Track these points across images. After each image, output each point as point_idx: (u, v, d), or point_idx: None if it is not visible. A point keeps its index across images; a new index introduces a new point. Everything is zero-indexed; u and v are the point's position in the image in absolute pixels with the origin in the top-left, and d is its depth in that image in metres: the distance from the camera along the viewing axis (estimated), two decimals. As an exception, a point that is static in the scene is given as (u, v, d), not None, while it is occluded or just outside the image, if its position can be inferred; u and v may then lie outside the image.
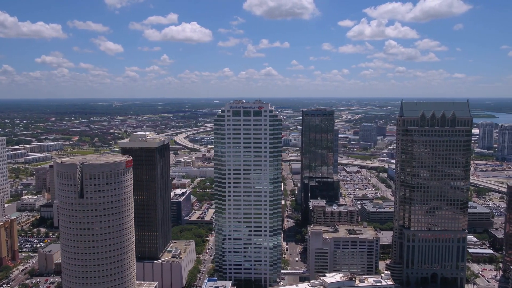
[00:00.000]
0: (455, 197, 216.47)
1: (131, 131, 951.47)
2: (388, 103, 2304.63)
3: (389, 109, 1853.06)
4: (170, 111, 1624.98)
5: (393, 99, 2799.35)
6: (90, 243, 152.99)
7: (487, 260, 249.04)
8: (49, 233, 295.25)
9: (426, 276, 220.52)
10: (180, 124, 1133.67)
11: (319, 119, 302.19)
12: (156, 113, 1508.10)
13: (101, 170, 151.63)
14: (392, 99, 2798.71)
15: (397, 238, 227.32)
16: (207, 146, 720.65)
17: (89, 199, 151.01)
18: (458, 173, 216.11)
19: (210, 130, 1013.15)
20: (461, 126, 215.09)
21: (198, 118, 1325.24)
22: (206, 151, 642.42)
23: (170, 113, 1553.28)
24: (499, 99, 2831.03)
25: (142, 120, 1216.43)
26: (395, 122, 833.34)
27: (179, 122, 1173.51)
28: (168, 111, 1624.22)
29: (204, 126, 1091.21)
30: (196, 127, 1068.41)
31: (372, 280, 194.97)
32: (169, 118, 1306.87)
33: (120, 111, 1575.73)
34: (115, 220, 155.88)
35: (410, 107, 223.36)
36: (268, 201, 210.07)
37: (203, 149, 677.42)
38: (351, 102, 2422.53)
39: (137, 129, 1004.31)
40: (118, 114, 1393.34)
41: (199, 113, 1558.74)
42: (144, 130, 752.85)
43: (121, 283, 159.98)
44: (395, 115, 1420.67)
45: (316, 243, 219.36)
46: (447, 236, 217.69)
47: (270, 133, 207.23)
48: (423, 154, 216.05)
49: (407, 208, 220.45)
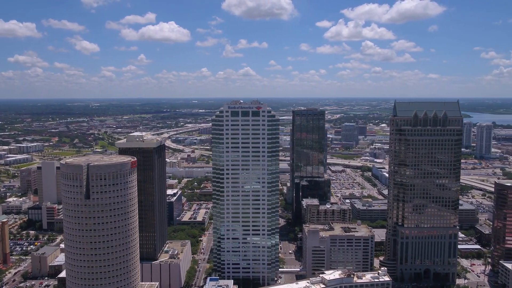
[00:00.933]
0: (446, 194, 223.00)
1: (111, 131, 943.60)
2: (365, 103, 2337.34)
3: (367, 109, 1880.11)
4: (149, 111, 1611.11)
5: (370, 99, 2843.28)
6: (96, 244, 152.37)
7: (475, 256, 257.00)
8: (39, 236, 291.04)
9: (419, 272, 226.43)
10: (160, 124, 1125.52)
11: (310, 119, 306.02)
12: (135, 114, 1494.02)
13: (108, 171, 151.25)
14: (369, 99, 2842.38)
15: (390, 235, 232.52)
16: (190, 147, 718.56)
17: (96, 200, 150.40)
18: (450, 171, 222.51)
19: (191, 131, 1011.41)
20: (452, 126, 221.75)
21: (178, 118, 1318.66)
22: (191, 151, 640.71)
23: (149, 113, 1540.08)
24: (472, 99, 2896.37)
25: (121, 121, 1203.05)
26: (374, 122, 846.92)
27: (159, 123, 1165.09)
28: (147, 111, 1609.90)
29: (185, 126, 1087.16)
30: (177, 128, 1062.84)
31: (370, 276, 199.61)
32: (148, 119, 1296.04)
33: (98, 112, 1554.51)
34: (121, 221, 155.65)
35: (403, 107, 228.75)
36: (266, 201, 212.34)
37: (187, 150, 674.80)
38: (329, 102, 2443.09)
39: (117, 129, 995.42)
40: (96, 115, 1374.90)
41: (178, 113, 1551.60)
42: (140, 130, 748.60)
43: (126, 284, 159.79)
44: (373, 115, 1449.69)
45: (313, 241, 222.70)
46: (439, 232, 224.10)
47: (268, 133, 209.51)
48: (416, 153, 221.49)
49: (401, 206, 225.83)
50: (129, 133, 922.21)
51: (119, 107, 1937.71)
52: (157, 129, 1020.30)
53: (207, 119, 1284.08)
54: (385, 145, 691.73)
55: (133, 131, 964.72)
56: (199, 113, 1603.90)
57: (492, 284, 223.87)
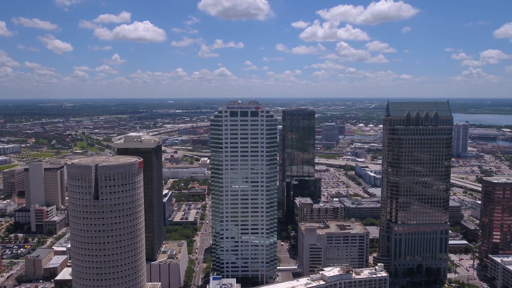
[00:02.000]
0: (437, 191, 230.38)
1: (88, 132, 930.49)
2: (341, 103, 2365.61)
3: (342, 109, 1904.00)
4: (125, 112, 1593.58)
5: (344, 99, 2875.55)
6: (105, 245, 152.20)
7: (463, 251, 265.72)
8: (28, 239, 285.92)
9: (412, 267, 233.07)
10: (138, 125, 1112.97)
11: (300, 119, 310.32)
12: (111, 114, 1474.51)
13: (116, 171, 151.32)
14: (344, 99, 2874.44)
15: (384, 232, 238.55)
16: (172, 147, 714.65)
17: (104, 200, 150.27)
18: (441, 169, 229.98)
19: (171, 131, 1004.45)
20: (443, 125, 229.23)
21: (155, 119, 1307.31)
22: (173, 152, 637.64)
23: (125, 113, 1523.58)
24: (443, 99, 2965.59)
25: (98, 121, 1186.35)
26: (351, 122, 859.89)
27: (137, 123, 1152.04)
28: (123, 112, 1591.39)
29: (164, 127, 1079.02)
30: (155, 128, 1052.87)
31: (367, 272, 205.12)
32: (125, 119, 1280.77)
33: (72, 112, 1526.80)
34: (129, 221, 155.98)
35: (396, 107, 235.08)
36: (265, 200, 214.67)
37: (169, 150, 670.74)
38: (304, 102, 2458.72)
39: (94, 130, 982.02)
40: (71, 116, 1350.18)
41: (155, 114, 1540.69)
42: (137, 131, 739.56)
43: (134, 284, 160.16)
44: (350, 115, 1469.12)
45: (310, 239, 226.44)
46: (431, 228, 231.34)
47: (267, 133, 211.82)
48: (409, 152, 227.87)
49: (394, 203, 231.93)
50: (107, 134, 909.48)
51: (94, 107, 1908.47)
52: (135, 130, 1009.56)
53: (186, 120, 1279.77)
54: (365, 145, 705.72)
55: (111, 132, 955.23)
56: (176, 113, 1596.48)
57: (481, 277, 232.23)
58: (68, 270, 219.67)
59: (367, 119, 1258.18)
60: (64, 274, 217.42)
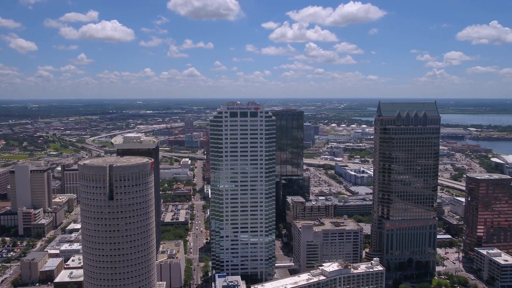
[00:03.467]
0: (427, 188, 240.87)
1: (60, 134, 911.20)
2: (310, 104, 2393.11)
3: (313, 109, 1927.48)
4: (95, 113, 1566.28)
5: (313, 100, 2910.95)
6: (119, 244, 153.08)
7: (447, 245, 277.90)
8: (17, 242, 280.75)
9: (403, 261, 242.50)
10: (111, 126, 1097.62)
11: (289, 119, 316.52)
12: (80, 115, 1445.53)
13: (131, 172, 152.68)
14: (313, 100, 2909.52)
15: (376, 228, 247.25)
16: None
17: (119, 201, 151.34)
18: (430, 166, 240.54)
19: (145, 132, 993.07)
20: (431, 125, 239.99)
21: (127, 119, 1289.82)
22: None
23: (95, 114, 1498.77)
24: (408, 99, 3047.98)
25: (68, 123, 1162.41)
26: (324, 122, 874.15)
27: (109, 124, 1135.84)
28: (92, 113, 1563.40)
29: (137, 127, 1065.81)
30: (128, 129, 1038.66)
31: (364, 267, 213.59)
32: (96, 120, 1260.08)
33: (39, 113, 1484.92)
34: (142, 221, 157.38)
35: (387, 107, 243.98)
36: (264, 199, 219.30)
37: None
38: (275, 103, 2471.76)
39: (65, 131, 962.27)
40: (39, 117, 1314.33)
41: (126, 114, 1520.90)
42: (135, 131, 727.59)
43: (147, 283, 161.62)
44: (321, 115, 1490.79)
45: (307, 236, 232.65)
46: (421, 224, 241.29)
47: (266, 133, 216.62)
48: (400, 150, 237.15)
49: (386, 200, 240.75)
50: (80, 135, 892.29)
51: (61, 108, 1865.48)
52: (108, 131, 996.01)
53: (158, 120, 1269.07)
54: (341, 144, 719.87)
55: (83, 133, 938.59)
56: (147, 114, 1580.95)
57: (467, 269, 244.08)
58: (66, 273, 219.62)
59: (339, 119, 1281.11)
60: (62, 276, 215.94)
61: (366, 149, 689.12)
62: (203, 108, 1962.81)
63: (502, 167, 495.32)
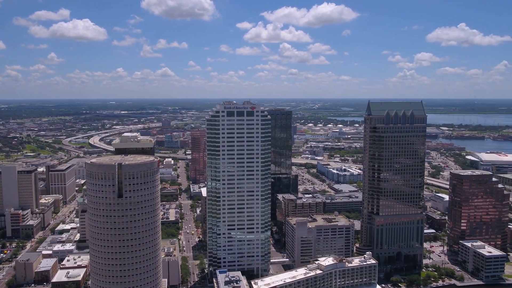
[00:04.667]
0: (415, 184, 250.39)
1: (34, 135, 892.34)
2: (285, 104, 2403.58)
3: (288, 109, 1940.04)
4: (68, 113, 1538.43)
5: (287, 100, 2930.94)
6: (128, 241, 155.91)
7: (432, 239, 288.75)
8: (6, 244, 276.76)
9: (392, 255, 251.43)
10: (86, 126, 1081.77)
11: (278, 119, 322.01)
12: (53, 116, 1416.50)
13: (139, 170, 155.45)
14: (287, 100, 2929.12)
15: (366, 223, 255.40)
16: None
17: (128, 198, 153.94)
18: (417, 163, 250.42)
19: (122, 133, 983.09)
20: (418, 123, 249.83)
21: (102, 120, 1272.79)
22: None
23: (68, 115, 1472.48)
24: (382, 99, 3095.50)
25: (42, 123, 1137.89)
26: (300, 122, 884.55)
27: (84, 125, 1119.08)
28: (64, 113, 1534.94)
29: (113, 128, 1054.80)
30: (105, 130, 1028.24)
31: (358, 260, 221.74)
32: (70, 121, 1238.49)
33: (10, 114, 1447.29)
34: (149, 218, 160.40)
35: (376, 107, 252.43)
36: (260, 197, 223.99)
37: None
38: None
39: (40, 132, 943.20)
40: (11, 117, 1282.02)
41: (100, 115, 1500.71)
42: (131, 131, 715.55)
43: (154, 280, 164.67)
44: (296, 115, 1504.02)
45: (302, 232, 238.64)
46: (409, 218, 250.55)
47: (262, 132, 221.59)
48: (389, 148, 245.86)
49: (376, 196, 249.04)
50: (56, 136, 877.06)
51: (31, 109, 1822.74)
52: (84, 132, 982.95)
53: (134, 121, 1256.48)
54: (320, 144, 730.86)
55: (59, 134, 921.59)
56: (122, 114, 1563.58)
57: (452, 262, 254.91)
58: (63, 272, 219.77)
59: (315, 119, 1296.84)
60: (59, 276, 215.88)
61: (344, 148, 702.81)
62: (178, 108, 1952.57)
63: (477, 164, 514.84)
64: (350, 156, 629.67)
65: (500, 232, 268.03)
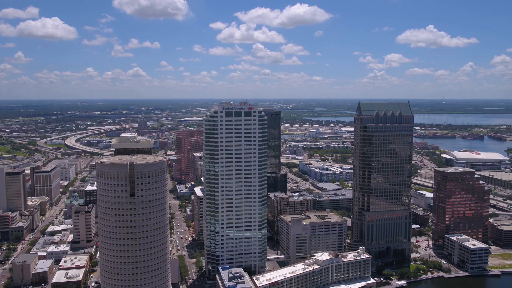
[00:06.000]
0: (403, 181, 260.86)
1: (7, 136, 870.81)
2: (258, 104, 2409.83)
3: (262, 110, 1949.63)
4: (38, 114, 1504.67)
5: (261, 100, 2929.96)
6: (139, 240, 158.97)
7: (417, 234, 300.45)
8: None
9: (382, 249, 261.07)
10: (59, 128, 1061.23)
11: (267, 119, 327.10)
12: (22, 117, 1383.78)
13: (151, 169, 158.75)
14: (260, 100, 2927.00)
15: (357, 220, 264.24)
16: (108, 150, 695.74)
17: (140, 197, 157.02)
18: (405, 160, 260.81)
19: (98, 133, 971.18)
20: (406, 123, 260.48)
21: (75, 121, 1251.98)
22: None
23: (39, 116, 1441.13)
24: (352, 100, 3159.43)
25: (13, 125, 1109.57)
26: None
27: (57, 126, 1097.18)
28: (35, 114, 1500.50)
29: (88, 129, 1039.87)
30: (80, 131, 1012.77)
31: (352, 255, 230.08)
32: (42, 122, 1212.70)
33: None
34: (160, 216, 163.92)
35: (366, 107, 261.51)
36: (257, 196, 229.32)
37: (107, 153, 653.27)
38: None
39: (12, 134, 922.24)
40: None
41: (72, 116, 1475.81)
42: (129, 132, 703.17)
43: (164, 277, 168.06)
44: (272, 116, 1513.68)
45: (297, 229, 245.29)
46: (397, 214, 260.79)
47: (259, 132, 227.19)
48: (378, 146, 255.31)
49: (366, 193, 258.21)
50: (29, 137, 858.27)
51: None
52: (58, 133, 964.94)
53: (109, 122, 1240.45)
54: (298, 143, 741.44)
55: (33, 135, 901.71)
56: (95, 115, 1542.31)
57: (438, 255, 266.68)
58: (62, 273, 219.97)
59: (291, 120, 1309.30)
60: (59, 277, 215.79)
61: (323, 147, 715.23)
62: (152, 109, 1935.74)
63: (452, 162, 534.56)
64: (330, 155, 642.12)
65: (481, 226, 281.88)
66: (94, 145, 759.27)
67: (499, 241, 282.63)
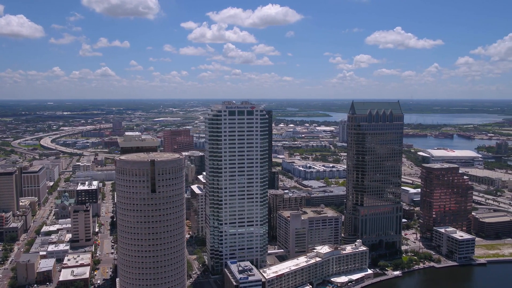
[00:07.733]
0: (394, 176, 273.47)
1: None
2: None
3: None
4: (6, 115, 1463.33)
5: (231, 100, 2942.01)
6: (159, 234, 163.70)
7: (405, 227, 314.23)
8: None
9: (375, 242, 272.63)
10: (31, 128, 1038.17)
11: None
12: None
13: (171, 166, 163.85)
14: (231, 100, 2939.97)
15: (351, 214, 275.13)
16: (87, 150, 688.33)
17: (161, 193, 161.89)
18: (396, 157, 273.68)
19: (73, 134, 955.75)
20: (396, 121, 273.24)
21: (46, 121, 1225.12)
22: (94, 154, 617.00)
23: (6, 116, 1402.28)
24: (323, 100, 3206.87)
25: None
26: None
27: (28, 126, 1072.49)
28: (3, 115, 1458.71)
29: (62, 129, 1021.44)
30: (53, 131, 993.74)
31: (350, 248, 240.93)
32: (12, 122, 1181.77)
33: None
34: (178, 211, 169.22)
35: (359, 106, 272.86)
36: (259, 193, 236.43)
37: (86, 153, 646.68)
38: (194, 103, 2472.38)
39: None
40: None
41: (42, 116, 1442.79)
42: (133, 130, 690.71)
43: (181, 271, 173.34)
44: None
45: (296, 224, 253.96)
46: (389, 208, 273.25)
47: (261, 130, 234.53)
48: (371, 144, 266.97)
49: (359, 189, 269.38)
50: (2, 138, 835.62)
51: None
52: (31, 133, 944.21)
53: (82, 122, 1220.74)
54: (278, 143, 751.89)
55: (5, 136, 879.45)
56: (65, 115, 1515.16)
57: (427, 246, 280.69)
58: (68, 271, 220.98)
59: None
60: (65, 275, 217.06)
61: (302, 147, 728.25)
62: (123, 109, 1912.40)
63: (428, 159, 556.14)
64: (309, 154, 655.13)
65: (465, 219, 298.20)
66: (71, 146, 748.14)
67: (481, 232, 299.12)
